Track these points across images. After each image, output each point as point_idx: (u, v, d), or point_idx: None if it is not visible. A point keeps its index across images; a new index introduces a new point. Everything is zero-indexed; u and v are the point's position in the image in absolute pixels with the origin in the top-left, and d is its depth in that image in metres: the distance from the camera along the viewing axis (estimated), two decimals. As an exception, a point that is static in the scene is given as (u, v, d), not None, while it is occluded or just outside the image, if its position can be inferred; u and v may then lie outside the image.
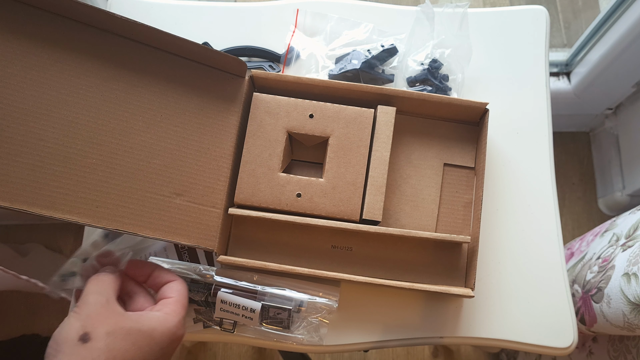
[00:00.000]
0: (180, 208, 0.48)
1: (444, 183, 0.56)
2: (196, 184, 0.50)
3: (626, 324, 0.59)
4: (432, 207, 0.55)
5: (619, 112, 1.21)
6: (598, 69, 1.05)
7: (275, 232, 0.54)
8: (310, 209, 0.52)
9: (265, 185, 0.52)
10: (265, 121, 0.53)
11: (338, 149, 0.53)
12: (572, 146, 1.30)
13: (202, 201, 0.50)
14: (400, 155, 0.56)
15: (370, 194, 0.52)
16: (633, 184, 1.14)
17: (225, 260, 0.50)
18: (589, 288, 0.68)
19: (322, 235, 0.54)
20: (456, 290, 0.50)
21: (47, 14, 0.46)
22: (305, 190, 0.52)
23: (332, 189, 0.52)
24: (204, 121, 0.51)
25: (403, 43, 0.62)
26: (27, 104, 0.44)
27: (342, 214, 0.52)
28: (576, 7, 1.33)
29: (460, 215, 0.55)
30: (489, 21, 0.65)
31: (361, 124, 0.53)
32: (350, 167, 0.52)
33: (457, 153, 0.56)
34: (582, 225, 1.24)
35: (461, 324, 0.54)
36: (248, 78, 0.54)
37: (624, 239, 0.68)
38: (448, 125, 0.57)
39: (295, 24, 0.64)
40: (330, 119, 0.53)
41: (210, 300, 0.51)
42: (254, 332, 0.52)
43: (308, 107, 0.54)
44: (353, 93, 0.54)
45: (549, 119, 0.61)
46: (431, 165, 0.56)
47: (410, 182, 0.56)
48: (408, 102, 0.55)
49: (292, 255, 0.53)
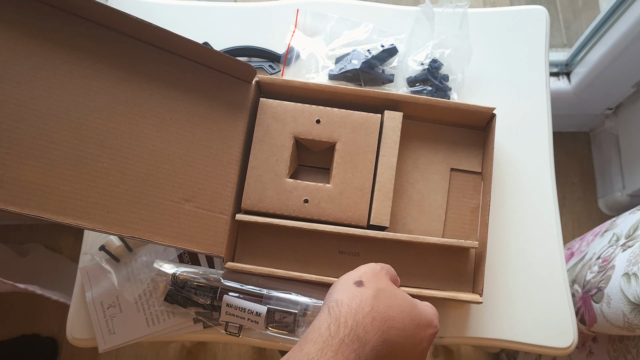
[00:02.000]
0: (189, 214, 0.48)
1: (451, 188, 0.56)
2: (204, 190, 0.49)
3: (626, 324, 0.59)
4: (439, 212, 0.55)
5: (619, 112, 1.21)
6: (598, 69, 1.05)
7: (282, 238, 0.54)
8: (318, 215, 0.51)
9: (273, 191, 0.52)
10: (272, 127, 0.53)
11: (345, 154, 0.53)
12: (572, 146, 1.30)
13: (210, 207, 0.49)
14: (407, 160, 0.56)
15: (378, 200, 0.51)
16: (633, 184, 1.14)
17: (232, 267, 0.50)
18: (589, 288, 0.68)
19: (330, 241, 0.54)
20: (464, 297, 0.50)
21: (56, 11, 0.45)
22: (313, 196, 0.52)
23: (340, 194, 0.52)
24: (212, 126, 0.50)
25: (403, 43, 0.62)
26: (38, 105, 0.43)
27: (350, 220, 0.51)
28: (576, 7, 1.33)
29: (467, 220, 0.55)
30: (489, 21, 0.65)
31: (368, 129, 0.53)
32: (358, 172, 0.52)
33: (464, 158, 0.56)
34: (582, 225, 1.24)
35: (461, 324, 0.54)
36: (254, 83, 0.54)
37: (624, 239, 0.68)
38: (455, 130, 0.57)
39: (295, 24, 0.64)
40: (337, 124, 0.53)
41: (215, 304, 0.51)
42: (259, 335, 0.51)
43: (315, 113, 0.53)
44: (360, 98, 0.54)
45: (549, 119, 0.61)
46: (438, 170, 0.56)
47: (417, 187, 0.56)
48: (415, 107, 0.55)
49: (299, 260, 0.53)
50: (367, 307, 0.34)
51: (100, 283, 0.55)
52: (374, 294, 0.35)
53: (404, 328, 0.35)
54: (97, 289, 0.55)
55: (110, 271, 0.55)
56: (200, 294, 0.51)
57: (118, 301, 0.55)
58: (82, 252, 0.56)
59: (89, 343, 0.55)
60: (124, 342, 0.54)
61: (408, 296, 0.38)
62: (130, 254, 0.56)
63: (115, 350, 0.55)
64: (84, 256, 0.56)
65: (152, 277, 0.55)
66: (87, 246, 0.57)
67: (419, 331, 0.36)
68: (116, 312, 0.54)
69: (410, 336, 0.36)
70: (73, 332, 0.55)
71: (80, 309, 0.55)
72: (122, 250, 0.55)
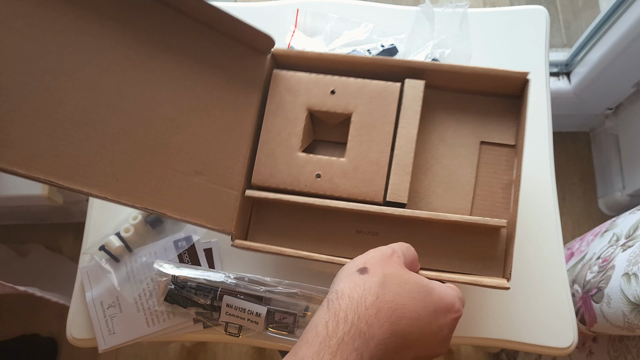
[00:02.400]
0: (200, 187, 0.46)
1: (481, 163, 0.51)
2: (216, 164, 0.47)
3: (626, 324, 0.59)
4: (467, 189, 0.50)
5: (619, 112, 1.21)
6: (598, 69, 1.05)
7: (297, 217, 0.50)
8: (331, 191, 0.48)
9: (284, 166, 0.49)
10: (284, 99, 0.50)
11: (361, 126, 0.49)
12: (572, 146, 1.30)
13: (221, 182, 0.47)
14: (432, 133, 0.52)
15: (395, 174, 0.48)
16: (633, 184, 1.14)
17: (240, 244, 0.47)
18: (589, 288, 0.68)
19: (346, 220, 0.50)
20: (488, 282, 0.44)
21: None
22: (325, 171, 0.49)
23: (354, 169, 0.48)
24: (225, 97, 0.48)
25: (403, 43, 0.62)
26: (48, 61, 0.39)
27: (364, 196, 0.48)
28: (576, 7, 1.33)
29: (499, 198, 0.50)
30: (489, 21, 0.65)
31: (386, 99, 0.49)
32: (374, 145, 0.49)
33: (495, 130, 0.51)
34: (582, 225, 1.24)
35: (461, 323, 0.54)
36: (270, 55, 0.51)
37: (624, 239, 0.68)
38: (484, 100, 0.52)
39: (295, 23, 0.64)
40: (353, 95, 0.50)
41: (215, 304, 0.51)
42: (259, 336, 0.51)
43: (330, 83, 0.50)
44: (378, 67, 0.50)
45: (549, 119, 0.61)
46: (466, 143, 0.51)
47: (443, 162, 0.51)
48: (439, 75, 0.50)
49: (315, 240, 0.50)
50: (370, 297, 0.31)
51: (100, 283, 0.55)
52: (380, 282, 0.32)
53: (417, 317, 0.32)
54: (97, 289, 0.55)
55: (110, 271, 0.55)
56: (200, 294, 0.51)
57: (118, 301, 0.55)
58: (82, 252, 0.56)
59: (88, 343, 0.55)
60: (124, 342, 0.54)
61: (423, 280, 0.35)
62: (130, 254, 0.56)
63: (115, 350, 0.55)
64: (83, 256, 0.56)
65: (152, 277, 0.55)
66: (87, 246, 0.57)
67: (436, 318, 0.33)
68: (116, 312, 0.54)
69: (427, 324, 0.33)
70: (73, 332, 0.55)
71: (80, 309, 0.55)
72: (122, 250, 0.55)
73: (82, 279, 0.55)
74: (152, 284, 0.55)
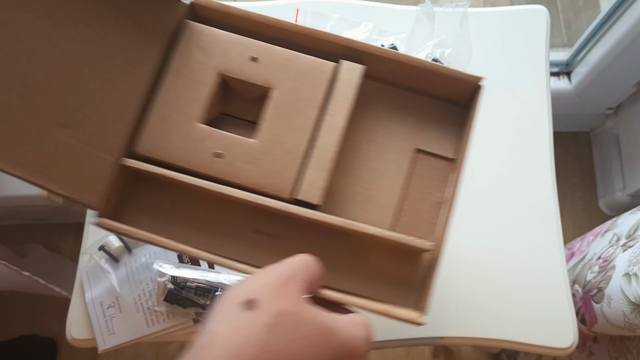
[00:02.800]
0: (61, 144, 0.36)
1: (413, 173, 0.44)
2: (90, 118, 0.38)
3: (627, 324, 0.59)
4: (391, 201, 0.43)
5: (620, 112, 1.21)
6: (598, 68, 1.05)
7: (185, 201, 0.42)
8: (231, 176, 0.40)
9: (177, 137, 0.40)
10: (194, 57, 0.42)
11: (281, 105, 0.41)
12: (572, 146, 1.30)
13: (92, 142, 0.38)
14: (362, 130, 0.44)
15: (312, 169, 0.40)
16: (634, 184, 1.14)
17: (106, 224, 0.38)
18: (589, 288, 0.68)
19: (243, 215, 0.41)
20: (401, 314, 0.36)
21: None
22: (229, 151, 0.40)
23: (264, 154, 0.40)
24: (119, 41, 0.39)
25: (403, 43, 0.62)
26: None
27: (270, 188, 0.40)
28: (577, 7, 1.33)
29: (427, 217, 0.43)
30: (489, 21, 0.65)
31: (315, 79, 0.42)
32: (293, 130, 0.41)
33: (434, 138, 0.44)
34: (583, 225, 1.23)
35: (462, 324, 0.54)
36: (189, 4, 0.43)
37: (625, 239, 0.68)
38: (429, 102, 0.45)
39: (296, 23, 0.64)
40: (278, 67, 0.42)
41: (211, 302, 0.51)
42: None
43: (251, 48, 0.42)
44: (314, 41, 0.43)
45: (549, 119, 0.61)
46: (399, 148, 0.44)
47: (368, 166, 0.43)
48: (381, 62, 0.43)
49: (203, 232, 0.41)
50: (254, 346, 0.24)
51: (99, 283, 0.55)
52: (270, 323, 0.25)
53: None
54: (97, 289, 0.55)
55: (110, 271, 0.55)
56: (200, 294, 0.51)
57: (117, 301, 0.55)
58: (82, 253, 0.56)
59: (88, 343, 0.55)
60: (124, 343, 0.54)
61: (323, 317, 0.28)
62: (129, 254, 0.56)
63: (114, 351, 0.55)
64: (83, 256, 0.56)
65: (151, 278, 0.55)
66: (87, 246, 0.57)
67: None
68: (116, 312, 0.54)
69: None
70: (72, 332, 0.55)
71: (79, 309, 0.55)
72: (122, 251, 0.55)
73: (81, 279, 0.55)
74: (152, 284, 0.54)
